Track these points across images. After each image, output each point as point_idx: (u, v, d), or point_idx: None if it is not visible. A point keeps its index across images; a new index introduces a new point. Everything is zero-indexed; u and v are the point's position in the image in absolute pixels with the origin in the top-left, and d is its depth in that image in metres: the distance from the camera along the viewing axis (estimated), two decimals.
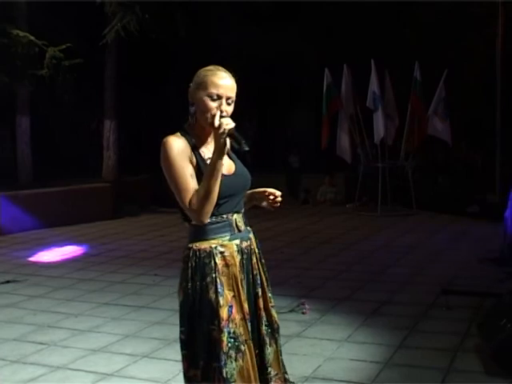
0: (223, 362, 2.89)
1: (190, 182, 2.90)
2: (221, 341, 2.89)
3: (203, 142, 3.03)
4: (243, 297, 2.98)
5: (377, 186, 12.86)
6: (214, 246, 2.96)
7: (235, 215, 3.03)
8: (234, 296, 2.96)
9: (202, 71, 3.00)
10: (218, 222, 2.99)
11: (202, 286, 2.93)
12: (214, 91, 2.93)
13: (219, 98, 2.94)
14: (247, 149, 2.85)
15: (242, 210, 3.10)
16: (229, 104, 2.96)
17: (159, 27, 13.17)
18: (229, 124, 2.85)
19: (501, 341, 4.67)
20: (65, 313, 6.48)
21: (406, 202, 13.11)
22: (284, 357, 5.05)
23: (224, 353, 2.89)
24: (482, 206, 11.92)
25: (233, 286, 2.96)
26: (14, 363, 5.13)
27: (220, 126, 2.84)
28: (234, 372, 2.92)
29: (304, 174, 15.52)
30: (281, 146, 17.00)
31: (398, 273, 7.93)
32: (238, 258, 3.00)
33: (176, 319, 6.29)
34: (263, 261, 3.16)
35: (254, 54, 15.13)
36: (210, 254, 2.95)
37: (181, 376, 4.65)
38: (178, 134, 2.99)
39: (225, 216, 3.00)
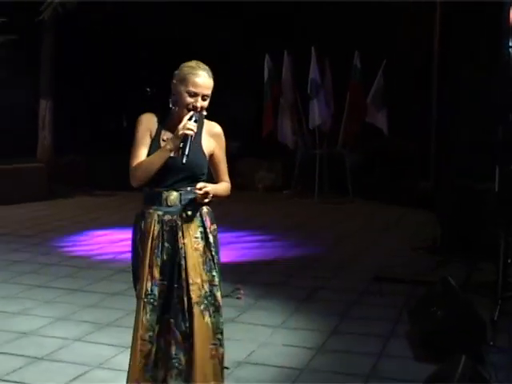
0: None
1: (140, 150, 3.36)
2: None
3: (175, 125, 3.33)
4: (152, 261, 3.37)
5: (314, 173, 12.94)
6: (144, 211, 3.44)
7: (171, 192, 3.38)
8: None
9: (185, 67, 3.35)
10: (151, 193, 3.42)
11: (136, 241, 3.48)
12: (192, 89, 3.30)
13: (196, 95, 3.31)
14: (183, 162, 3.23)
15: (184, 189, 3.39)
16: (204, 100, 3.35)
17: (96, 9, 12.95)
18: (188, 130, 3.25)
19: (429, 328, 4.78)
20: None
21: (343, 190, 13.23)
22: None
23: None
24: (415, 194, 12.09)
25: (143, 249, 3.41)
26: None
27: (183, 126, 3.26)
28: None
29: (243, 159, 15.44)
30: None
31: (332, 259, 8.02)
32: (155, 227, 3.39)
33: (109, 303, 6.30)
34: (210, 240, 3.48)
35: (196, 39, 15.05)
36: (139, 217, 3.46)
37: (113, 360, 4.65)
38: (158, 112, 3.45)
39: (157, 190, 3.39)
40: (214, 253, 3.48)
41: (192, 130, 3.25)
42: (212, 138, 3.49)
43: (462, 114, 11.25)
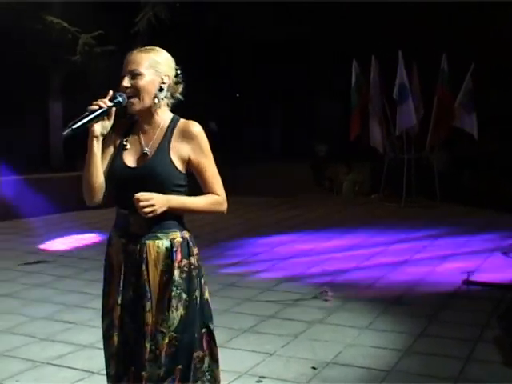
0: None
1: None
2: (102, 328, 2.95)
3: (140, 128, 2.87)
4: (115, 299, 2.82)
5: (402, 177, 12.86)
6: (112, 233, 2.89)
7: (134, 213, 2.70)
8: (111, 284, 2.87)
9: None
10: (117, 214, 2.87)
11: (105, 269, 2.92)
12: (122, 74, 2.82)
13: (123, 77, 2.80)
14: (63, 133, 2.61)
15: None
16: (134, 78, 2.77)
17: (190, 16, 13.29)
18: (94, 105, 2.71)
19: None
20: (93, 293, 6.54)
21: (430, 194, 13.11)
22: (306, 342, 5.20)
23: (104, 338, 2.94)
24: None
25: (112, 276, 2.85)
26: (43, 341, 5.26)
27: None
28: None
29: (330, 163, 15.47)
30: (308, 133, 16.98)
31: (420, 263, 7.97)
32: (119, 257, 2.81)
33: None
34: (175, 277, 2.76)
35: (280, 43, 15.20)
36: (109, 240, 2.91)
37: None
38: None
39: (122, 211, 2.83)
40: (173, 293, 2.74)
41: (98, 104, 2.70)
42: (185, 141, 2.78)
43: None
